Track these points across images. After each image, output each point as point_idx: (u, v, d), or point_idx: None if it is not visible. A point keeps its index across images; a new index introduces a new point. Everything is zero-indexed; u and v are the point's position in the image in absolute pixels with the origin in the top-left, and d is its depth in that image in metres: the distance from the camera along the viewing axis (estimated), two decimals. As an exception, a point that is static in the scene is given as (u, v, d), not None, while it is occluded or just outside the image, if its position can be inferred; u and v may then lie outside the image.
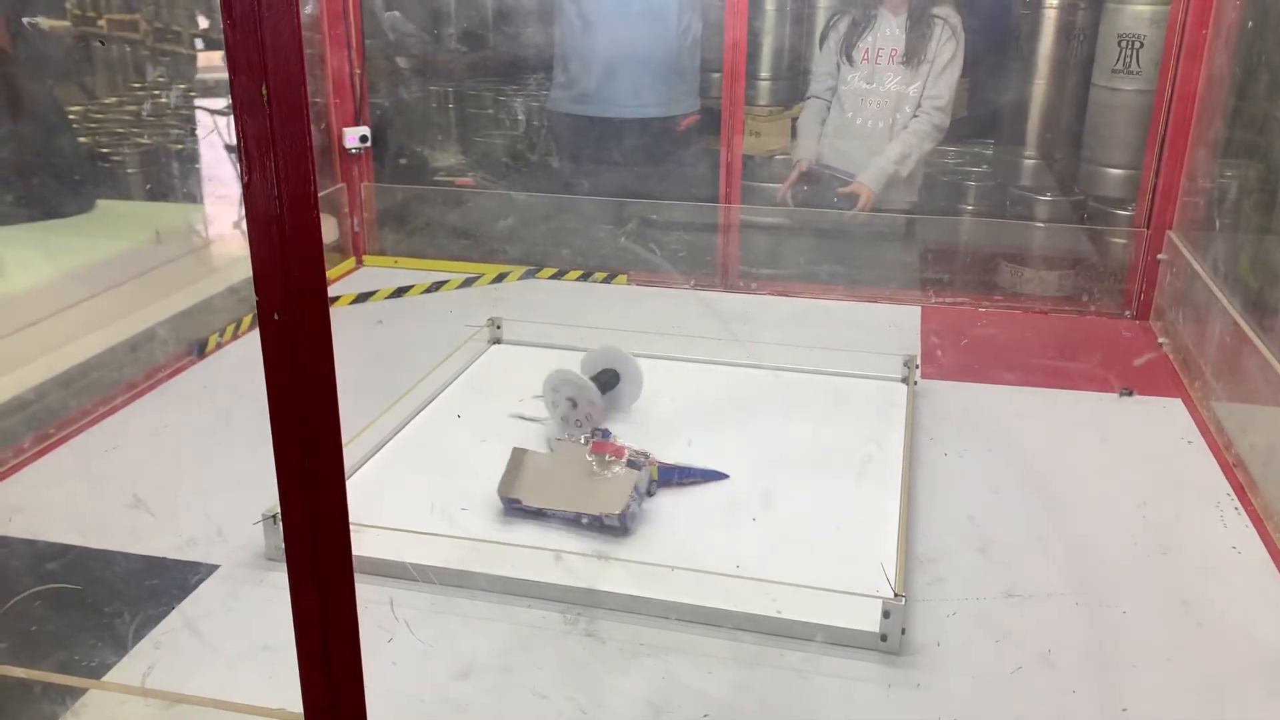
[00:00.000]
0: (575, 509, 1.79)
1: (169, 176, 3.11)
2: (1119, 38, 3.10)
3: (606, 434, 1.99)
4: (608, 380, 2.21)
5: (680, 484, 1.95)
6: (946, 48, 3.01)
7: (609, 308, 2.94)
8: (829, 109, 3.18)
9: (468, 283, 3.10)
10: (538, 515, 1.82)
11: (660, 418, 2.23)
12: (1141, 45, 3.05)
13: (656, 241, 3.24)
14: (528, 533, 1.77)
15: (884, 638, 1.52)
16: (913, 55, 3.02)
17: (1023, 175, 3.48)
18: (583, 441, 1.95)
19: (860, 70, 3.08)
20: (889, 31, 3.05)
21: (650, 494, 1.90)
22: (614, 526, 1.76)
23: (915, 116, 3.05)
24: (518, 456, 1.89)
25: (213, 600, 1.62)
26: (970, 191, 3.53)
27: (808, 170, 3.20)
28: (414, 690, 1.43)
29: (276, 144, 0.82)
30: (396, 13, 3.27)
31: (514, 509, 1.83)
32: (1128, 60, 3.08)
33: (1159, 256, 2.83)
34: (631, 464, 1.88)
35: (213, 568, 1.69)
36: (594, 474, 1.86)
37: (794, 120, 3.37)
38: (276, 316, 0.86)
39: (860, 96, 3.09)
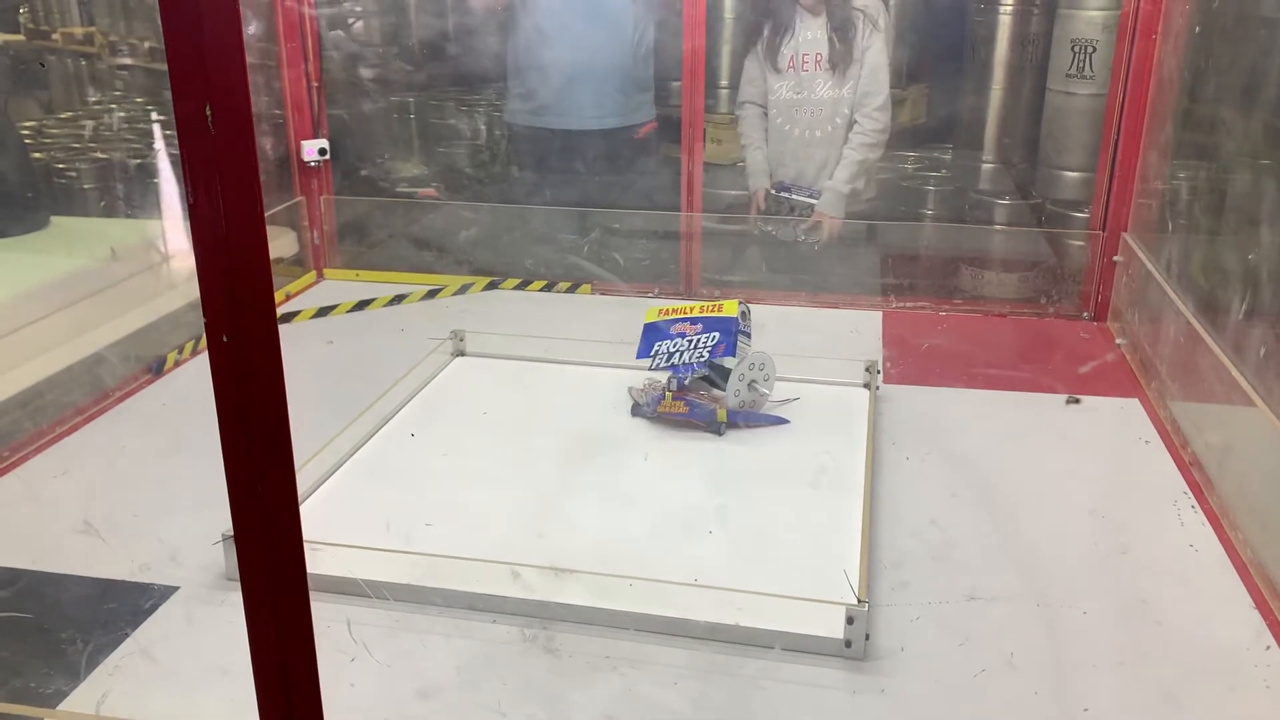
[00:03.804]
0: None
1: (125, 192, 3.08)
2: (1072, 43, 3.14)
3: (681, 383, 2.25)
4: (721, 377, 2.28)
5: (747, 426, 2.19)
6: (874, 43, 2.93)
7: (573, 318, 2.93)
8: (765, 114, 3.12)
9: (430, 295, 3.09)
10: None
11: (620, 427, 2.23)
12: (1094, 50, 3.09)
13: (619, 250, 3.25)
14: (486, 547, 1.76)
15: (848, 644, 1.53)
16: (839, 60, 2.94)
17: (981, 179, 3.52)
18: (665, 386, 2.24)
19: (787, 79, 3.01)
20: (810, 35, 2.97)
21: (720, 434, 2.16)
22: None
23: (856, 123, 2.99)
24: None
25: (171, 623, 1.60)
26: (930, 196, 3.56)
27: (766, 197, 3.18)
28: (373, 711, 1.41)
29: (221, 164, 0.81)
30: (339, 31, 3.26)
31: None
32: (1081, 65, 3.13)
33: (1115, 258, 2.87)
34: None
35: (172, 589, 1.67)
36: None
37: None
38: (225, 338, 0.85)
39: (792, 107, 3.03)
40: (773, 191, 3.14)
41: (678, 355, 2.23)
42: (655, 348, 2.25)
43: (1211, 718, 1.43)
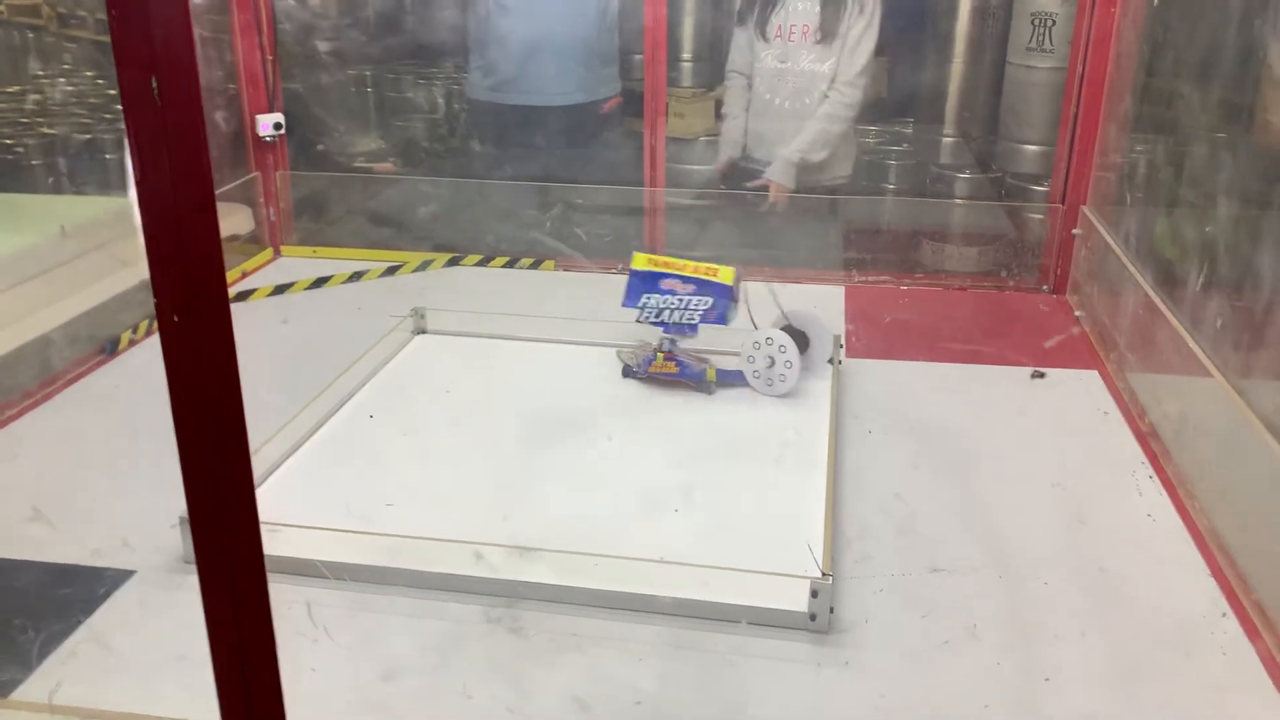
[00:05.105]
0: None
1: (73, 168, 3.01)
2: (1032, 16, 3.15)
3: (673, 343, 2.27)
4: (799, 343, 2.26)
5: (736, 384, 2.25)
6: (858, 22, 2.96)
7: (535, 294, 2.92)
8: (749, 85, 3.14)
9: (390, 271, 3.05)
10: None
11: (584, 405, 2.22)
12: (1054, 24, 3.10)
13: (582, 226, 3.22)
14: (449, 528, 1.74)
15: (813, 617, 1.53)
16: (827, 33, 2.97)
17: (942, 153, 3.53)
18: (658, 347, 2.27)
19: (774, 48, 3.03)
20: (801, 7, 3.00)
21: (710, 394, 2.23)
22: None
23: (826, 97, 3.02)
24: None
25: (126, 609, 1.57)
26: (891, 170, 3.56)
27: (730, 165, 3.17)
28: (336, 695, 1.40)
29: (169, 139, 0.78)
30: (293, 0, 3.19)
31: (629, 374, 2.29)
32: (1041, 39, 3.14)
33: (1074, 231, 2.89)
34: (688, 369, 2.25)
35: (127, 574, 1.64)
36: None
37: (718, 102, 3.35)
38: (176, 318, 0.83)
39: (776, 76, 3.05)
40: (741, 164, 3.14)
41: (667, 313, 2.21)
42: (644, 300, 2.23)
43: (1170, 684, 1.45)
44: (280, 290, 2.89)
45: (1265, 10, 1.85)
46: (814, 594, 1.53)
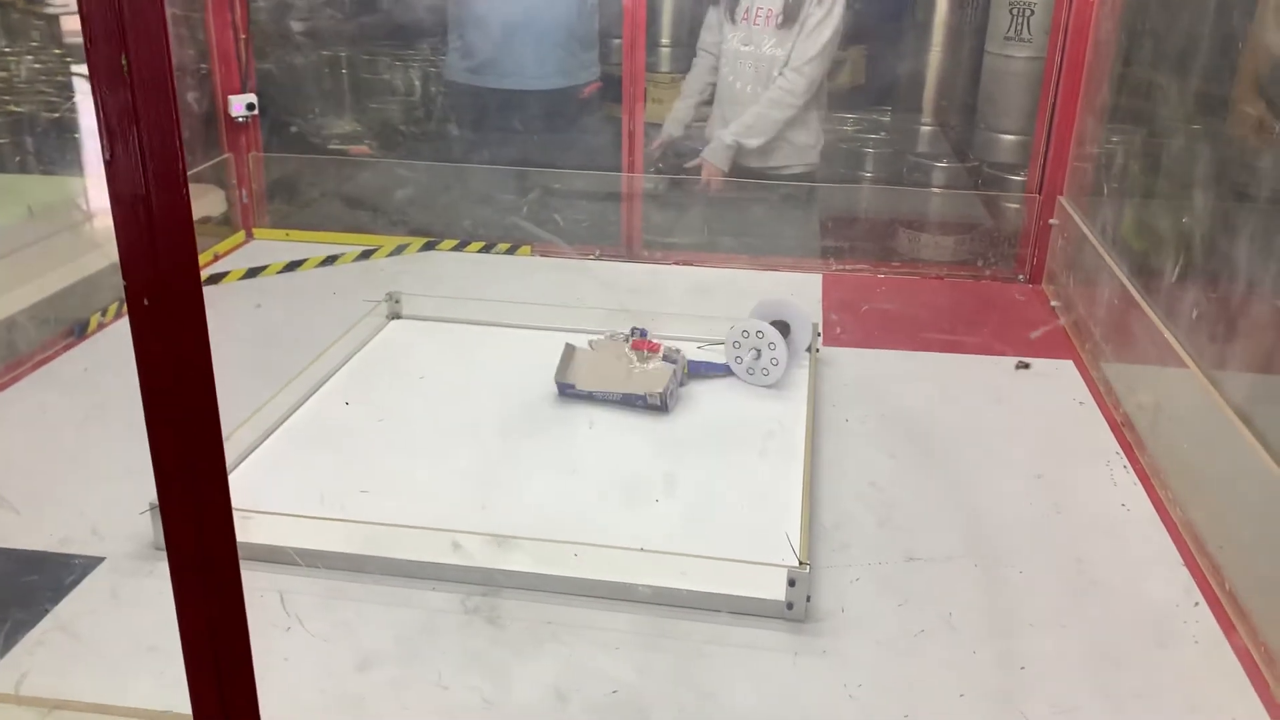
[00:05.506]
0: (622, 390, 2.09)
1: (41, 147, 2.95)
2: (1010, 5, 3.15)
3: (644, 333, 2.25)
4: (780, 331, 2.25)
5: (707, 376, 2.25)
6: (816, 11, 2.93)
7: (512, 279, 2.89)
8: (715, 66, 3.12)
9: (365, 255, 3.02)
10: (589, 397, 2.12)
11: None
12: (1032, 13, 3.11)
13: (560, 211, 3.20)
14: (426, 516, 1.73)
15: (790, 606, 1.53)
16: (789, 19, 2.95)
17: (919, 142, 3.53)
18: (623, 339, 2.24)
19: (739, 30, 3.02)
20: None
21: (681, 384, 2.20)
22: (656, 405, 2.08)
23: (774, 79, 2.99)
24: (569, 350, 2.17)
25: (95, 597, 1.54)
26: (868, 159, 3.56)
27: (668, 143, 3.17)
28: (310, 685, 1.38)
29: (140, 117, 0.76)
30: None
31: (568, 392, 2.14)
32: (1019, 28, 3.14)
33: (1050, 221, 2.90)
34: (666, 359, 2.18)
35: (97, 561, 1.61)
36: (635, 365, 2.17)
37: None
38: (146, 302, 0.81)
39: (739, 59, 3.03)
40: (687, 145, 3.14)
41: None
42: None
43: (1144, 673, 1.46)
44: (253, 273, 2.86)
45: (1243, 0, 1.85)
46: (791, 583, 1.53)
